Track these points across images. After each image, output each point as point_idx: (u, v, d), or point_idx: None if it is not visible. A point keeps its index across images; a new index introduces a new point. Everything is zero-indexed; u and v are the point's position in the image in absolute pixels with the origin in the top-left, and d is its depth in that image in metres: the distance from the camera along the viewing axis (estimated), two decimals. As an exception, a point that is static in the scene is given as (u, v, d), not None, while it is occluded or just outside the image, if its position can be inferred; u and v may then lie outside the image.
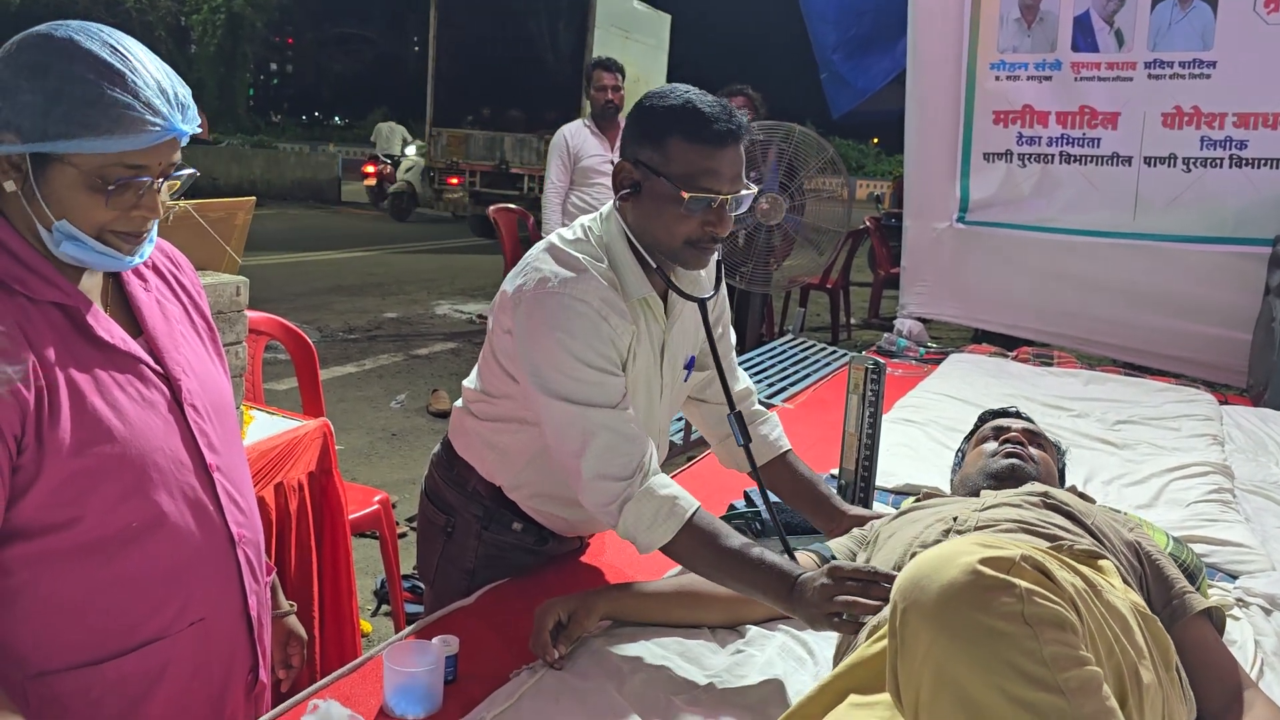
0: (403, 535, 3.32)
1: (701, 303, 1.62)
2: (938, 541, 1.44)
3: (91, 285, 1.21)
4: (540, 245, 1.58)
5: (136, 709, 1.19)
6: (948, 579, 0.97)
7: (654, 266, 1.55)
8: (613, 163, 4.53)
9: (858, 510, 1.84)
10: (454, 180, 12.01)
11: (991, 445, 1.86)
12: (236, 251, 2.36)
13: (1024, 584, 0.97)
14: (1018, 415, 2.02)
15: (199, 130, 1.19)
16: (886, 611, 1.27)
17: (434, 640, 1.41)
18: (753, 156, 3.92)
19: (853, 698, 1.12)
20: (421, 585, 1.99)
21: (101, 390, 1.15)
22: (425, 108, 11.95)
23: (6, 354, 1.07)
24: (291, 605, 1.56)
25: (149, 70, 1.12)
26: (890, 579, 1.38)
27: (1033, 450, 1.83)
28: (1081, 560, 1.24)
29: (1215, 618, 1.44)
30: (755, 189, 1.55)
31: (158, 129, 1.11)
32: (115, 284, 1.25)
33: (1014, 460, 1.78)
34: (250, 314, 2.43)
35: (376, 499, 2.64)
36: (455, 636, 1.44)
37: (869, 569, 1.38)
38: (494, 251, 7.94)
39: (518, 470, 1.67)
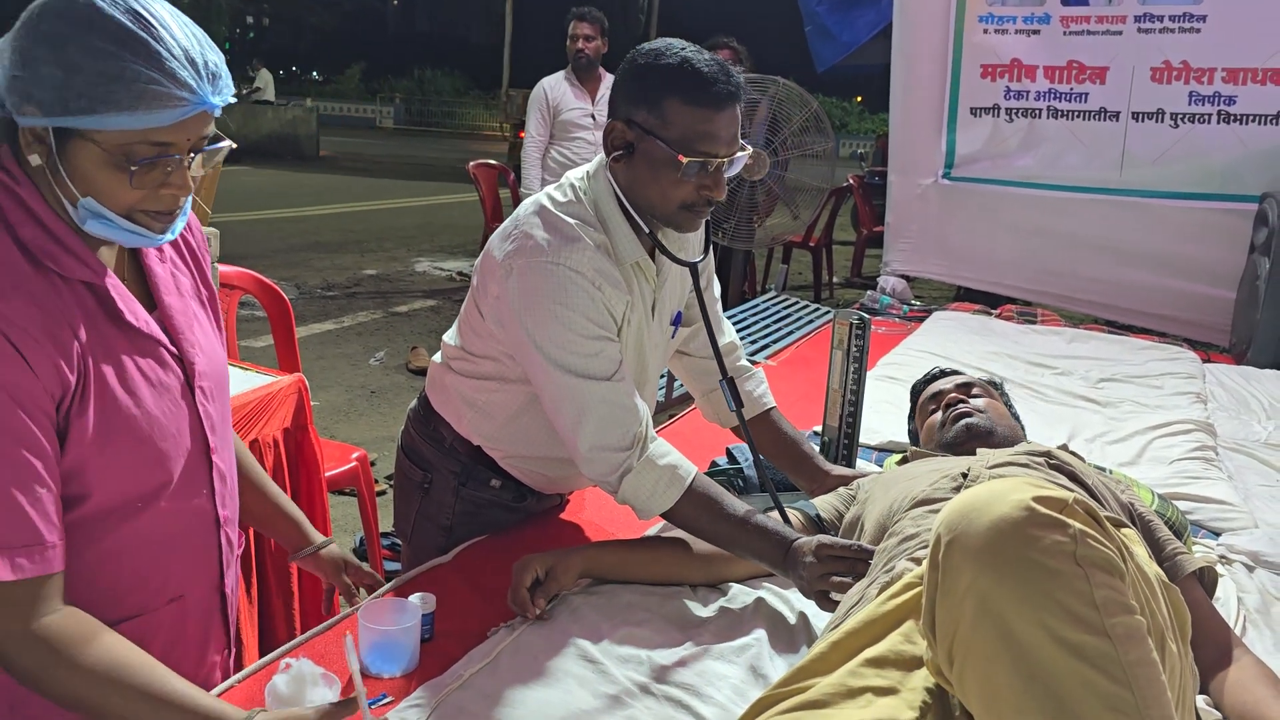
0: (381, 493, 3.28)
1: (693, 268, 1.58)
2: (949, 498, 1.41)
3: (108, 254, 1.16)
4: (529, 206, 1.53)
5: None
6: (999, 513, 0.95)
7: (646, 230, 1.51)
8: (593, 116, 4.47)
9: (841, 470, 1.83)
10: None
11: (937, 416, 1.83)
12: (206, 201, 2.29)
13: (1077, 525, 0.95)
14: (943, 374, 1.99)
15: (233, 100, 1.10)
16: (900, 568, 1.25)
17: (411, 598, 1.38)
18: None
19: (866, 653, 1.10)
20: (400, 543, 1.96)
21: (124, 378, 1.12)
22: (407, 62, 12.05)
23: (56, 341, 1.04)
24: (326, 539, 1.55)
25: (177, 38, 1.03)
26: (872, 554, 1.37)
27: (975, 401, 1.81)
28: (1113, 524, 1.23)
29: (1207, 578, 1.44)
30: (750, 149, 1.51)
31: (185, 103, 1.03)
32: (131, 254, 1.21)
33: (963, 421, 1.76)
34: (225, 269, 2.37)
35: (354, 456, 2.60)
36: (432, 594, 1.41)
37: (855, 546, 1.38)
38: (474, 208, 7.84)
39: (497, 428, 1.64)
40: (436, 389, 1.70)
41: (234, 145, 1.14)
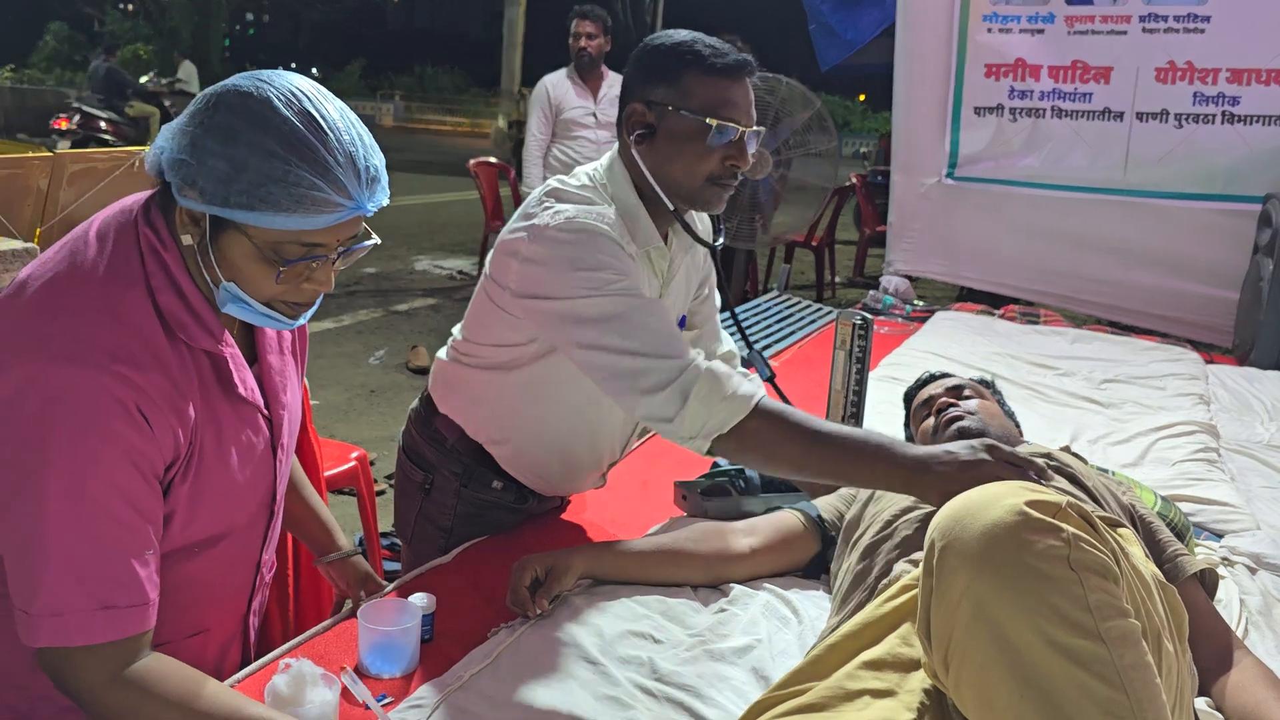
0: (381, 493, 3.28)
1: (713, 250, 1.60)
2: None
3: (227, 319, 1.18)
4: (542, 190, 1.53)
5: None
6: (992, 518, 0.95)
7: (671, 209, 1.50)
8: (595, 115, 4.46)
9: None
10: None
11: (930, 422, 1.83)
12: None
13: (1070, 529, 0.95)
14: (933, 378, 1.98)
15: (386, 204, 1.12)
16: (899, 570, 1.25)
17: (410, 599, 1.38)
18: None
19: (863, 656, 1.09)
20: (399, 543, 1.96)
21: (222, 448, 1.15)
22: (408, 59, 12.35)
23: (178, 413, 1.07)
24: (356, 548, 1.56)
25: (344, 143, 1.05)
26: (1040, 471, 1.27)
27: (966, 404, 1.80)
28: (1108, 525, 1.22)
29: (1208, 580, 1.43)
30: (763, 129, 1.52)
31: (342, 209, 1.05)
32: None
33: (954, 426, 1.75)
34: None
35: (354, 455, 2.59)
36: (432, 595, 1.40)
37: (1024, 455, 1.28)
38: (474, 205, 7.83)
39: (502, 424, 1.63)
40: (441, 386, 1.69)
41: (379, 243, 1.16)
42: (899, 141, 4.84)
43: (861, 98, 32.40)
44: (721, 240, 1.65)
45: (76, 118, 10.75)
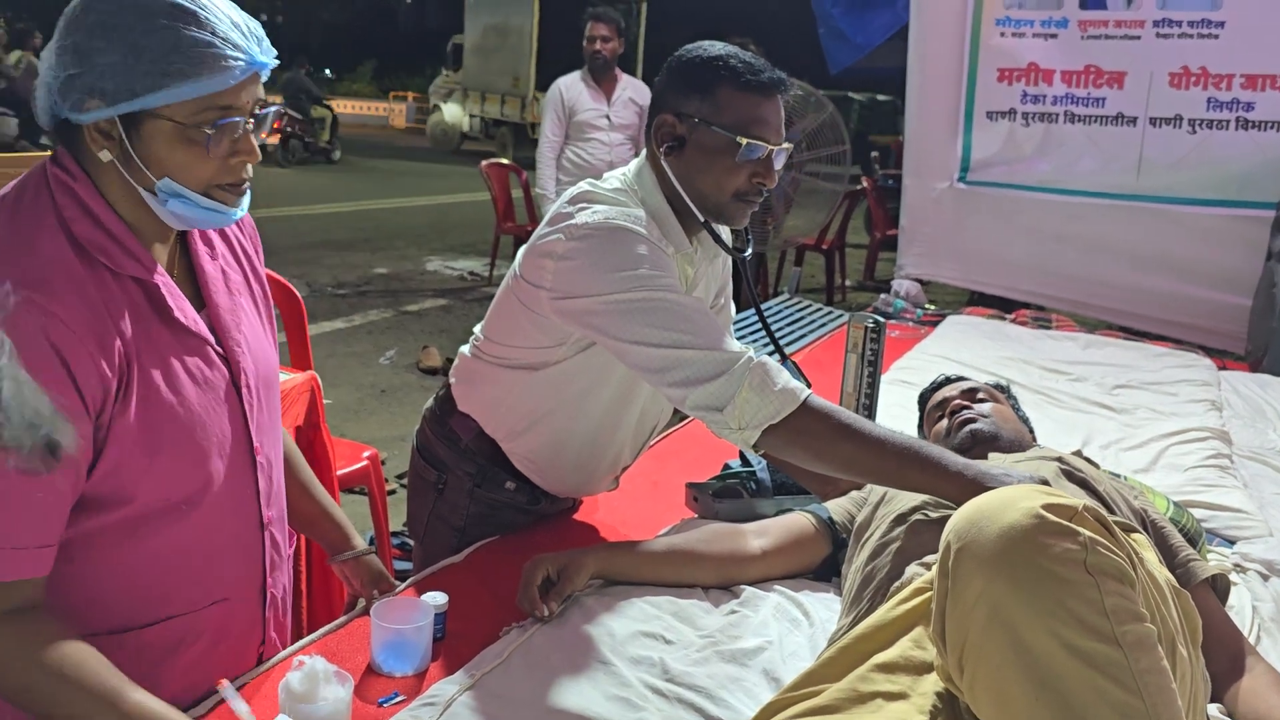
0: (392, 492, 3.29)
1: (742, 259, 1.61)
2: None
3: (161, 252, 1.17)
4: (574, 191, 1.54)
5: (149, 676, 1.18)
6: (1009, 521, 0.95)
7: (700, 219, 1.51)
8: (608, 118, 4.47)
9: (853, 473, 1.81)
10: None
11: (943, 424, 1.83)
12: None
13: (1087, 532, 0.95)
14: (948, 380, 1.98)
15: (278, 61, 1.14)
16: (910, 573, 1.25)
17: (423, 597, 1.38)
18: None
19: (876, 659, 1.09)
20: (411, 542, 1.97)
21: (170, 376, 1.13)
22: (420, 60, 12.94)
23: (100, 340, 1.05)
24: (369, 547, 1.55)
25: (219, 6, 1.08)
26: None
27: (979, 407, 1.81)
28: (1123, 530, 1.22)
29: (1220, 585, 1.43)
30: (791, 145, 1.52)
31: (241, 63, 1.07)
32: (182, 250, 1.22)
33: (968, 428, 1.75)
34: (237, 264, 2.38)
35: (365, 454, 2.60)
36: (444, 593, 1.41)
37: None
38: (485, 207, 7.85)
39: (524, 422, 1.63)
40: (464, 383, 1.68)
41: (282, 105, 1.15)
42: (911, 145, 4.83)
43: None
44: (750, 251, 1.66)
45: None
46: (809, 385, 1.48)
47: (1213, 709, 1.26)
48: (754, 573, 1.57)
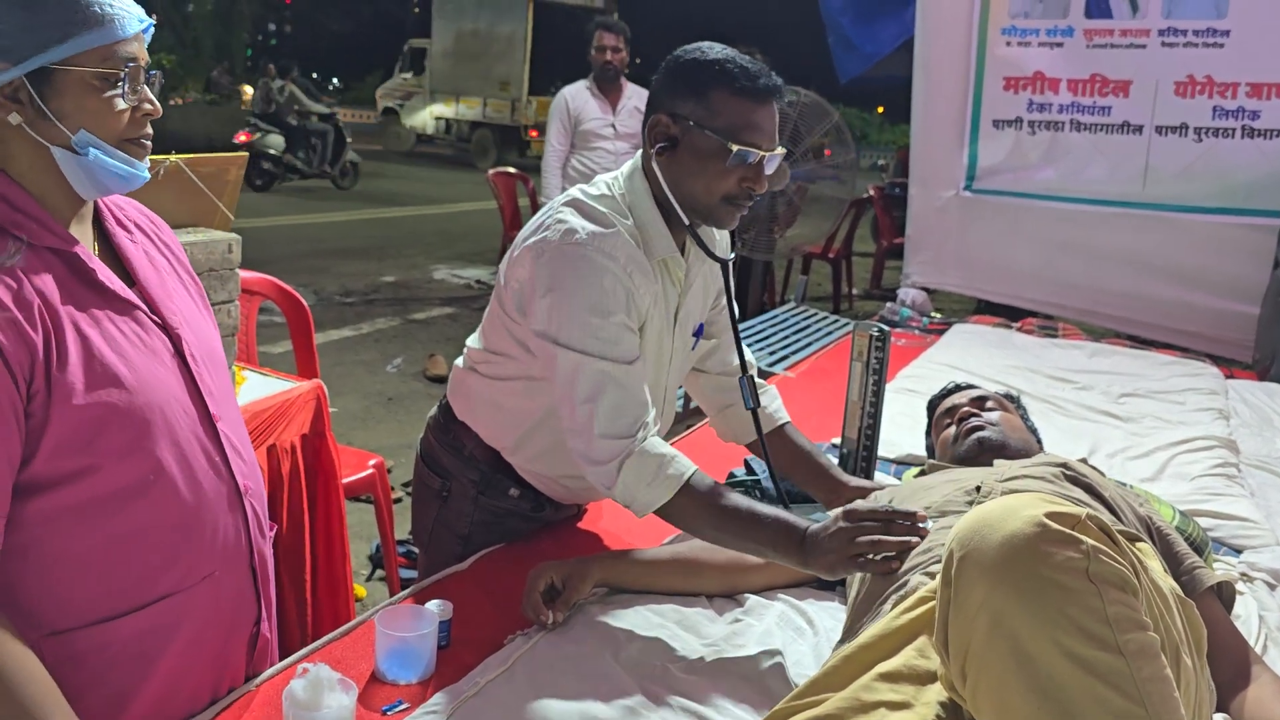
0: (398, 500, 3.30)
1: (724, 264, 1.61)
2: (962, 510, 1.40)
3: (79, 231, 1.17)
4: (562, 199, 1.54)
5: (150, 665, 1.18)
6: (1011, 529, 0.95)
7: (686, 223, 1.52)
8: (614, 127, 4.48)
9: (859, 481, 1.82)
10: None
11: (951, 430, 1.83)
12: (229, 208, 2.32)
13: (1090, 541, 0.95)
14: (957, 388, 1.98)
15: (153, 22, 1.17)
16: (914, 583, 1.25)
17: (427, 605, 1.39)
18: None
19: (879, 668, 1.09)
20: (416, 550, 1.97)
21: (106, 336, 1.12)
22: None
23: (16, 298, 1.05)
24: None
25: None
26: (909, 516, 1.34)
27: (988, 415, 1.81)
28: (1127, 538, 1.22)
29: (1225, 593, 1.42)
30: (784, 150, 1.52)
31: (130, 15, 1.11)
32: (102, 236, 1.22)
33: (975, 435, 1.75)
34: (244, 274, 2.40)
35: (371, 463, 2.61)
36: (449, 601, 1.41)
37: (886, 507, 1.35)
38: (492, 215, 7.87)
39: (521, 433, 1.64)
40: (459, 395, 1.70)
41: (159, 75, 1.19)
42: (917, 154, 4.84)
43: (880, 110, 32.34)
44: (734, 255, 1.66)
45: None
46: (757, 403, 1.56)
47: (1218, 718, 1.25)
48: (758, 581, 1.57)
